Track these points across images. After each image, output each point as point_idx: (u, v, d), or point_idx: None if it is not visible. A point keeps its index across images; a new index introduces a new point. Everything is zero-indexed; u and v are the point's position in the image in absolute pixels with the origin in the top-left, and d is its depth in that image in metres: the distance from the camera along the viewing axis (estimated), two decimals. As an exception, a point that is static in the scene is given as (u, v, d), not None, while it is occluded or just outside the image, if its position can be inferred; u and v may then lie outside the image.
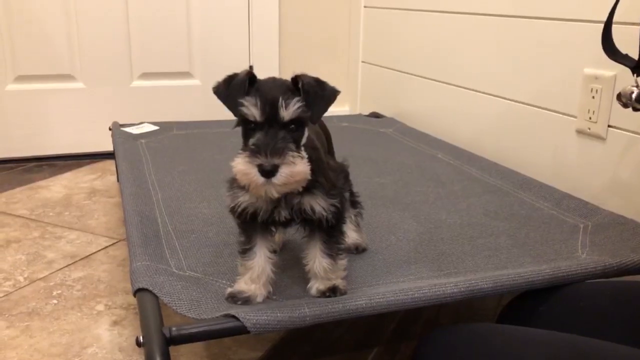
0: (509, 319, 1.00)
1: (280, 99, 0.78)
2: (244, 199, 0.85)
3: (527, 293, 0.98)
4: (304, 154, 0.80)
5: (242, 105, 0.78)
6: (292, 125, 0.79)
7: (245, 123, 0.80)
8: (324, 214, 0.85)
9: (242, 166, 0.77)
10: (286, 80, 0.82)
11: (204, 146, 1.84)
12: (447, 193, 1.44)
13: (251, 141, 0.78)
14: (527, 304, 0.98)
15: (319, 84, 0.83)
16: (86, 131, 2.30)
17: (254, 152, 0.77)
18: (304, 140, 0.82)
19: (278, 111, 0.78)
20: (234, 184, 0.86)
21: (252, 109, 0.78)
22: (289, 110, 0.78)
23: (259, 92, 0.79)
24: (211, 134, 1.97)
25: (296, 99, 0.79)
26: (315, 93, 0.81)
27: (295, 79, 0.81)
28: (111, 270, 1.42)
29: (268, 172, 0.76)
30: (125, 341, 1.14)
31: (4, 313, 1.22)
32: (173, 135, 1.96)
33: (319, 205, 0.84)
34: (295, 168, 0.77)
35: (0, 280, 1.36)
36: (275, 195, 0.79)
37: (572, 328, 0.87)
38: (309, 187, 0.84)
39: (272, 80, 0.82)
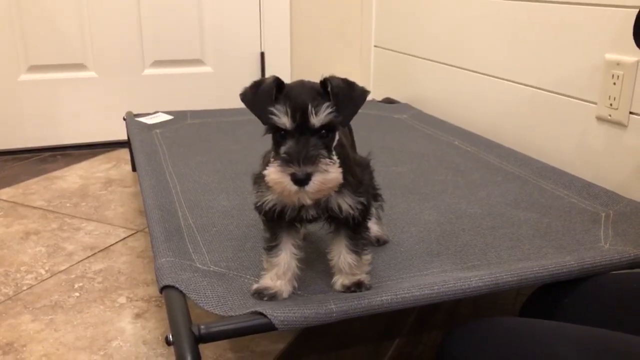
0: (533, 311, 1.00)
1: (310, 105, 0.76)
2: (271, 197, 0.84)
3: (550, 285, 0.98)
4: (335, 159, 0.79)
5: (272, 113, 0.77)
6: (323, 131, 0.78)
7: (275, 130, 0.79)
8: (351, 212, 0.84)
9: (275, 175, 0.76)
10: (315, 84, 0.81)
11: (218, 135, 1.84)
12: (466, 182, 1.43)
13: (282, 149, 0.78)
14: (551, 296, 0.98)
15: (348, 85, 0.81)
16: (99, 120, 2.30)
17: (286, 161, 0.76)
18: (334, 144, 0.81)
19: (308, 118, 0.76)
20: (260, 180, 0.85)
21: (282, 118, 0.77)
22: (320, 116, 0.77)
23: (287, 98, 0.78)
24: (225, 123, 1.97)
25: (326, 104, 0.77)
26: (345, 96, 0.79)
27: (324, 81, 0.80)
28: (131, 261, 1.43)
29: (301, 181, 0.75)
30: (148, 334, 1.15)
31: (29, 306, 1.24)
32: (187, 124, 1.95)
33: (346, 203, 0.84)
34: (329, 176, 0.77)
35: (23, 273, 1.37)
36: (309, 202, 0.79)
37: (598, 321, 0.87)
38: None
39: (300, 85, 0.81)
